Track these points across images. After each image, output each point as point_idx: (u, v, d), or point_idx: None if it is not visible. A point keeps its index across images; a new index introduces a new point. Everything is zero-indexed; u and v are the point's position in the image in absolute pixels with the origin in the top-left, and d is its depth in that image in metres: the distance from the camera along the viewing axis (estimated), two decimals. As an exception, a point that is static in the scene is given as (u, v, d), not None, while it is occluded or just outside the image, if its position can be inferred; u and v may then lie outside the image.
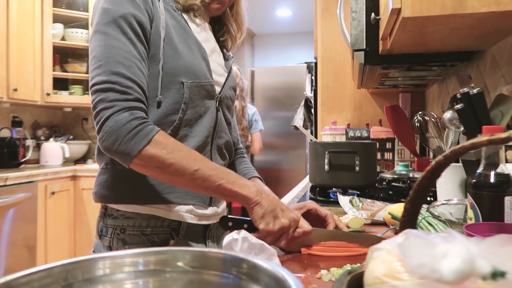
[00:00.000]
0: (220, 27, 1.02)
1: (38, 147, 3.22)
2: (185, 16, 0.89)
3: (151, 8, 0.80)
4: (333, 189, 1.42)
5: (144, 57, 0.78)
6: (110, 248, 0.83)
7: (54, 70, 3.14)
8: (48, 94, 3.05)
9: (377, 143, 2.02)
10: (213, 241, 0.93)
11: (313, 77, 3.21)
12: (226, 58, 1.02)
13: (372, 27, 1.25)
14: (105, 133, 0.71)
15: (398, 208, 0.97)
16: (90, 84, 0.75)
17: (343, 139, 2.28)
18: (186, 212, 0.85)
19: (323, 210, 0.91)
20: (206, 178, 0.72)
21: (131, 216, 0.82)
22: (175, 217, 0.84)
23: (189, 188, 0.77)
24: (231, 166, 1.08)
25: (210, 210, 0.91)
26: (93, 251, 0.88)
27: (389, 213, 0.95)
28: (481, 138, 0.38)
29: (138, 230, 0.82)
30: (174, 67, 0.81)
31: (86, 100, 3.30)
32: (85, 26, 3.25)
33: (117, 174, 0.82)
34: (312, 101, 3.06)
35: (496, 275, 0.28)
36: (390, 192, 1.37)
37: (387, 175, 1.41)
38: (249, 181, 0.77)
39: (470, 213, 0.64)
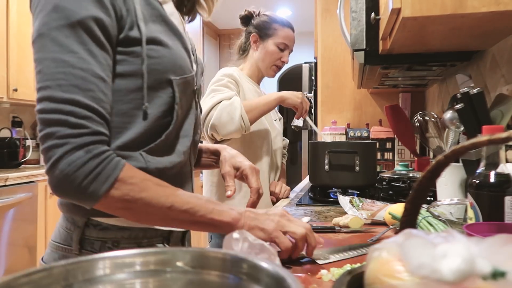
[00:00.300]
0: None
1: (38, 147, 3.22)
2: None
3: (120, 2, 0.64)
4: (333, 189, 1.42)
5: (108, 71, 0.63)
6: None
7: (54, 70, 3.14)
8: (48, 94, 3.05)
9: (377, 143, 2.02)
10: (189, 244, 0.89)
11: (313, 77, 3.21)
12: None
13: (372, 27, 1.25)
14: (56, 178, 0.58)
15: (398, 208, 0.97)
16: (36, 107, 0.59)
17: (343, 139, 2.28)
18: None
19: (254, 183, 0.86)
20: (180, 214, 0.64)
21: (126, 227, 0.71)
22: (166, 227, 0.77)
23: (163, 225, 0.71)
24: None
25: None
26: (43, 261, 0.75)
27: (389, 213, 0.95)
28: (481, 138, 0.38)
29: (134, 242, 0.72)
30: (161, 63, 0.69)
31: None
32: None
33: None
34: (312, 101, 3.06)
35: (496, 275, 0.28)
36: (390, 192, 1.37)
37: (387, 175, 1.41)
38: (226, 206, 0.69)
39: (470, 213, 0.64)
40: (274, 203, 1.53)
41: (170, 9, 0.78)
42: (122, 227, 0.71)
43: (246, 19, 1.63)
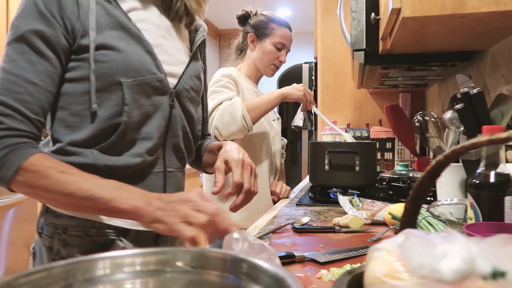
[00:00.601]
0: None
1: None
2: (124, 5, 0.79)
3: (71, 14, 0.72)
4: (333, 189, 1.42)
5: (45, 77, 0.71)
6: (50, 250, 0.77)
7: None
8: (48, 94, 3.05)
9: (377, 143, 2.02)
10: (167, 245, 0.88)
11: (313, 77, 3.21)
12: (191, 32, 0.91)
13: (372, 27, 1.25)
14: None
15: (398, 208, 0.97)
16: None
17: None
18: (123, 220, 0.79)
19: (236, 176, 0.80)
20: (82, 201, 0.66)
21: (74, 216, 0.76)
22: (116, 222, 0.78)
23: (78, 211, 0.74)
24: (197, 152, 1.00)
25: None
26: (33, 248, 0.82)
27: (389, 213, 0.95)
28: (481, 138, 0.38)
29: (81, 231, 0.76)
30: (110, 67, 0.74)
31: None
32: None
33: None
34: (312, 101, 3.06)
35: (496, 275, 0.28)
36: (390, 192, 1.37)
37: (387, 175, 1.41)
38: (137, 192, 0.68)
39: (470, 213, 0.64)
40: (275, 202, 1.53)
41: (140, 16, 0.81)
42: (71, 215, 0.76)
43: (243, 18, 1.63)
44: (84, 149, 0.74)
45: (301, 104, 1.55)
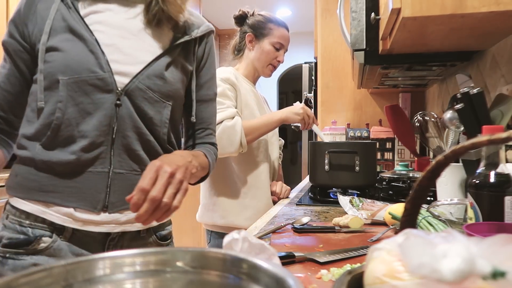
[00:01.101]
0: None
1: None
2: (84, 10, 0.84)
3: (30, 22, 0.83)
4: (333, 189, 1.42)
5: (6, 79, 0.85)
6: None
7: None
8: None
9: (377, 143, 2.02)
10: (116, 249, 0.85)
11: (313, 77, 3.21)
12: (179, 33, 0.91)
13: (372, 27, 1.25)
14: None
15: (398, 208, 0.97)
16: None
17: (343, 139, 2.28)
18: (64, 215, 0.79)
19: (143, 180, 0.71)
20: None
21: (14, 206, 0.82)
22: (49, 217, 0.79)
23: None
24: None
25: (103, 216, 0.81)
26: None
27: (389, 213, 0.95)
28: (481, 138, 0.38)
29: (16, 221, 0.81)
30: (53, 66, 0.79)
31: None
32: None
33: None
34: (312, 101, 3.06)
35: (496, 275, 0.28)
36: (390, 192, 1.37)
37: (387, 175, 1.41)
38: None
39: (470, 213, 0.64)
40: (275, 203, 1.53)
41: (97, 18, 0.85)
42: (12, 205, 0.83)
43: (241, 19, 1.63)
44: (32, 142, 0.81)
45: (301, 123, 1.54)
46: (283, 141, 1.82)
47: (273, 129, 1.50)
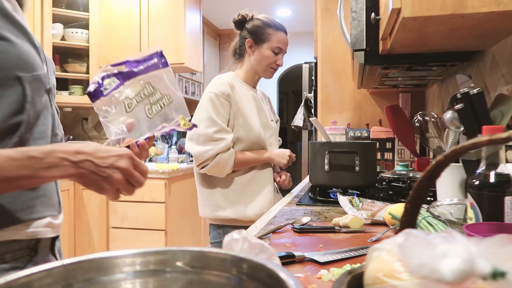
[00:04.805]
0: None
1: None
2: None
3: None
4: (333, 189, 1.42)
5: None
6: None
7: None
8: (48, 94, 3.05)
9: (377, 143, 2.02)
10: (60, 255, 0.83)
11: (313, 77, 3.21)
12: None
13: (372, 27, 1.25)
14: None
15: (398, 208, 0.97)
16: None
17: (343, 139, 2.28)
18: (45, 227, 0.75)
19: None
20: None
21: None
22: (33, 235, 0.73)
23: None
24: None
25: (60, 218, 0.81)
26: None
27: (389, 213, 0.95)
28: (481, 138, 0.38)
29: None
30: (7, 59, 0.67)
31: (86, 100, 3.30)
32: (85, 26, 3.25)
33: None
34: (312, 101, 3.06)
35: (496, 275, 0.28)
36: (390, 192, 1.37)
37: (387, 175, 1.41)
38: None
39: (470, 213, 0.64)
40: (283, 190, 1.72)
41: (12, 5, 0.75)
42: None
43: (240, 23, 1.67)
44: None
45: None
46: (281, 140, 1.87)
47: (259, 164, 1.64)
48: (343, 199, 1.16)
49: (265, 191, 1.63)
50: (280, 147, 1.80)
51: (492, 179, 0.62)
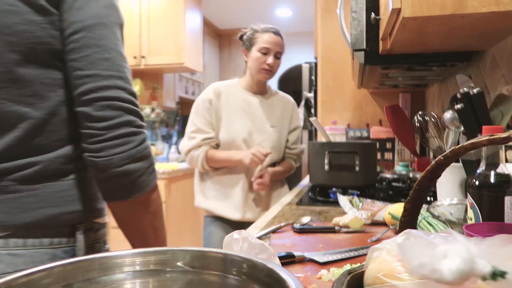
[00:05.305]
0: None
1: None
2: None
3: None
4: (333, 189, 1.42)
5: None
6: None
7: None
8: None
9: (377, 143, 2.02)
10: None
11: (313, 77, 3.21)
12: None
13: (372, 27, 1.25)
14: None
15: (398, 208, 0.97)
16: (106, 93, 0.69)
17: (343, 139, 2.28)
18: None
19: None
20: None
21: (103, 226, 0.79)
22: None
23: None
24: None
25: None
26: None
27: (389, 213, 0.95)
28: (481, 138, 0.38)
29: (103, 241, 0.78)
30: None
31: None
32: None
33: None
34: (312, 101, 3.06)
35: (496, 275, 0.28)
36: (390, 192, 1.37)
37: (387, 175, 1.41)
38: None
39: (470, 213, 0.64)
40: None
41: None
42: (102, 226, 0.80)
43: (241, 38, 1.78)
44: None
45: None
46: (301, 147, 1.90)
47: (234, 164, 1.67)
48: (343, 199, 1.16)
49: (233, 193, 1.68)
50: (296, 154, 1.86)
51: (492, 179, 0.62)
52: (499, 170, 0.62)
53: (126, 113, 0.65)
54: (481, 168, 0.64)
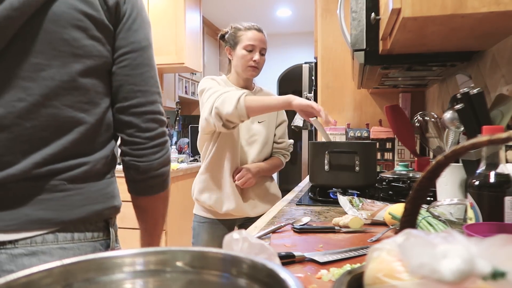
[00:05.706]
0: None
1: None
2: None
3: None
4: (333, 189, 1.42)
5: None
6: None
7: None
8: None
9: (377, 143, 2.02)
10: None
11: (313, 77, 3.21)
12: None
13: (372, 27, 1.25)
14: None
15: (398, 208, 0.97)
16: (153, 107, 0.82)
17: (343, 139, 2.28)
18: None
19: None
20: None
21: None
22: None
23: None
24: None
25: None
26: None
27: (389, 213, 0.95)
28: (481, 138, 0.38)
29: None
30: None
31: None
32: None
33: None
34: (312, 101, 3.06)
35: (496, 275, 0.28)
36: (390, 192, 1.37)
37: (387, 175, 1.41)
38: None
39: (470, 213, 0.64)
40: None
41: None
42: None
43: (222, 37, 1.78)
44: None
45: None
46: (288, 142, 1.84)
47: (276, 106, 1.50)
48: (343, 199, 1.16)
49: (217, 188, 1.65)
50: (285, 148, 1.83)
51: (492, 179, 0.62)
52: (499, 170, 0.62)
53: (162, 125, 0.80)
54: (481, 168, 0.64)
